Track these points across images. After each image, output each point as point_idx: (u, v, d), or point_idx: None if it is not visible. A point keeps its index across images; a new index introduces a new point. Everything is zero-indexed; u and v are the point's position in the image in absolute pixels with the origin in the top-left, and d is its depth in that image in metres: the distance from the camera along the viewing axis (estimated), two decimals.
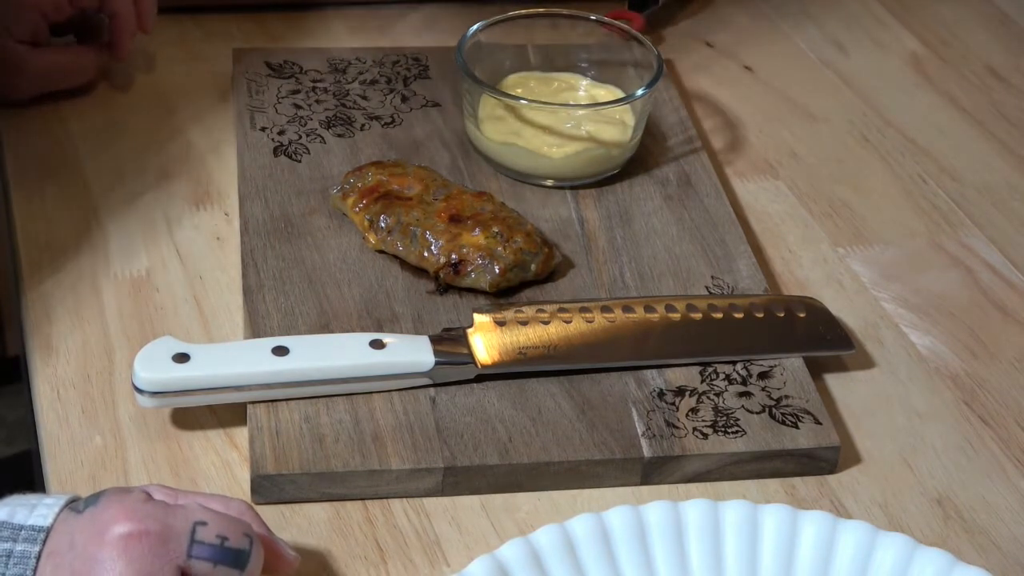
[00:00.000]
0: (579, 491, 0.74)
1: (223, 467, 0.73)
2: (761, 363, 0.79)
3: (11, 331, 1.58)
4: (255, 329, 0.79)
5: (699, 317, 0.81)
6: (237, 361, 0.74)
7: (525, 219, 0.86)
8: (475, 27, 0.95)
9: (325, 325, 0.79)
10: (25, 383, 0.80)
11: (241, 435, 0.74)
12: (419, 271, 0.83)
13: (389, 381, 0.75)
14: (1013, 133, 1.05)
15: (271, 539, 0.64)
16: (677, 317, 0.81)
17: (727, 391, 0.78)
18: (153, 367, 0.72)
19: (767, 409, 0.77)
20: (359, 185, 0.86)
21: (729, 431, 0.75)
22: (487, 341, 0.77)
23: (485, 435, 0.74)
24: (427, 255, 0.82)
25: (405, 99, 0.98)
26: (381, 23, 1.10)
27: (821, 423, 0.76)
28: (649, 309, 0.81)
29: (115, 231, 0.87)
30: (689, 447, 0.74)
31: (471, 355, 0.77)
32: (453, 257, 0.82)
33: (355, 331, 0.79)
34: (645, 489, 0.74)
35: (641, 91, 0.92)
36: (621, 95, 0.95)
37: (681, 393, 0.77)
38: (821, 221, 0.95)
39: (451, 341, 0.77)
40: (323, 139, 0.94)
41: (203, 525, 0.60)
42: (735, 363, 0.79)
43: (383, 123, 0.96)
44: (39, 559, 0.58)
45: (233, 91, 0.98)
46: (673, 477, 0.74)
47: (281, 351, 0.74)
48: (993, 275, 0.91)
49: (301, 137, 0.94)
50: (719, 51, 1.12)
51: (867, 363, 0.83)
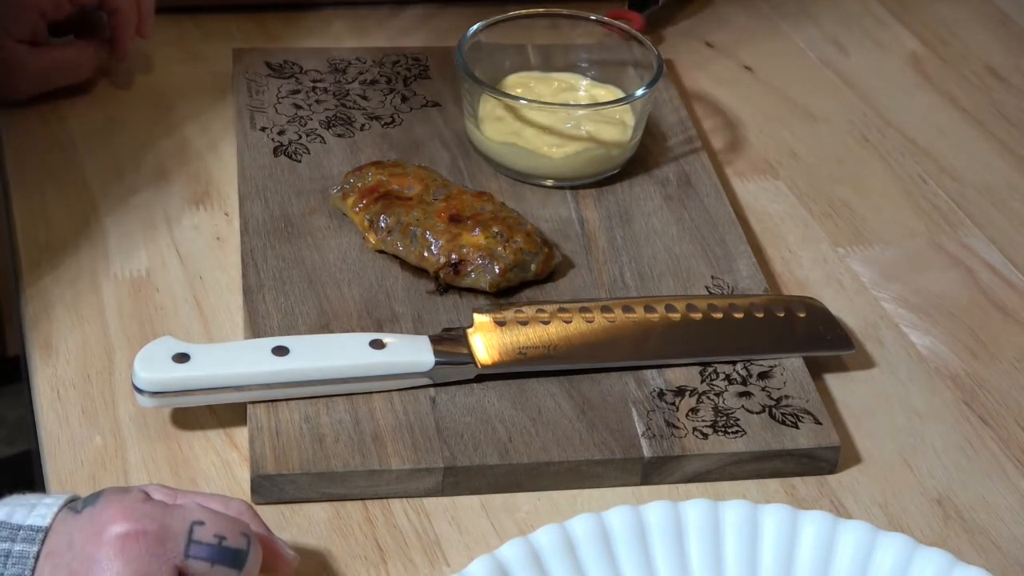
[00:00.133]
0: (579, 491, 0.74)
1: (223, 467, 0.73)
2: (761, 363, 0.79)
3: (11, 331, 1.58)
4: (255, 329, 0.79)
5: (699, 317, 0.81)
6: (237, 361, 0.74)
7: (525, 219, 0.86)
8: (475, 27, 0.95)
9: (325, 325, 0.79)
10: (25, 383, 0.80)
11: (241, 435, 0.74)
12: (419, 271, 0.83)
13: (389, 381, 0.75)
14: (1013, 133, 1.05)
15: (270, 539, 0.64)
16: (677, 317, 0.81)
17: (727, 391, 0.77)
18: (153, 367, 0.72)
19: (767, 409, 0.77)
20: (359, 185, 0.86)
21: (729, 431, 0.75)
22: (487, 341, 0.77)
23: (485, 435, 0.74)
24: (427, 255, 0.82)
25: (405, 99, 0.98)
26: (381, 23, 1.10)
27: (821, 423, 0.76)
28: (649, 309, 0.81)
29: (115, 231, 0.87)
30: (689, 447, 0.74)
31: (471, 355, 0.77)
32: (453, 257, 0.82)
33: (355, 331, 0.79)
34: (645, 489, 0.74)
35: (641, 91, 0.92)
36: (621, 95, 0.95)
37: (681, 393, 0.77)
38: (821, 221, 0.95)
39: (451, 341, 0.77)
40: (323, 139, 0.94)
41: (200, 525, 0.60)
42: (735, 363, 0.79)
43: (383, 123, 0.96)
44: (37, 559, 0.58)
45: (233, 91, 0.98)
46: (673, 477, 0.74)
47: (281, 351, 0.74)
48: (993, 275, 0.91)
49: (301, 137, 0.94)
50: (719, 51, 1.12)
51: (867, 363, 0.83)
